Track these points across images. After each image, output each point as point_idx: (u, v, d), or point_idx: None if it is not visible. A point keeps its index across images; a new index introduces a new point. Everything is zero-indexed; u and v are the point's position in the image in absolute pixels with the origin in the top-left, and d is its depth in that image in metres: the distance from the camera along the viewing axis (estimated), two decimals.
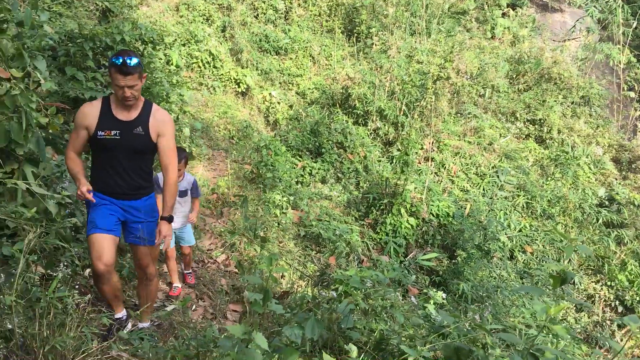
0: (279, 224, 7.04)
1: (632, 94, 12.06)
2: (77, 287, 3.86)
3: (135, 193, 3.50)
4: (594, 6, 13.15)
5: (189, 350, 2.62)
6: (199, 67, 10.49)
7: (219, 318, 4.53)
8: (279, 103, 10.83)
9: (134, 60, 3.19)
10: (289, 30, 12.37)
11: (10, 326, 2.37)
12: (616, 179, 10.30)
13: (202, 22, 11.31)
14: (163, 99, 6.18)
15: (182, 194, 4.72)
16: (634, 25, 12.55)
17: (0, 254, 3.19)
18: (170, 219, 3.49)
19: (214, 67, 10.66)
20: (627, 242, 9.07)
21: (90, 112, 3.32)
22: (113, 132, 3.31)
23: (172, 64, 8.93)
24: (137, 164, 3.46)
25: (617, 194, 9.71)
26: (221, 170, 8.18)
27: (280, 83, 11.56)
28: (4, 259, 3.40)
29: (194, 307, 4.66)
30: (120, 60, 3.16)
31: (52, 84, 3.82)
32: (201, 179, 7.40)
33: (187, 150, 6.52)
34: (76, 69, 5.12)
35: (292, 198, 7.53)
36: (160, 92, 6.09)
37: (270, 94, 10.90)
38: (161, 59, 7.99)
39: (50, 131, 3.82)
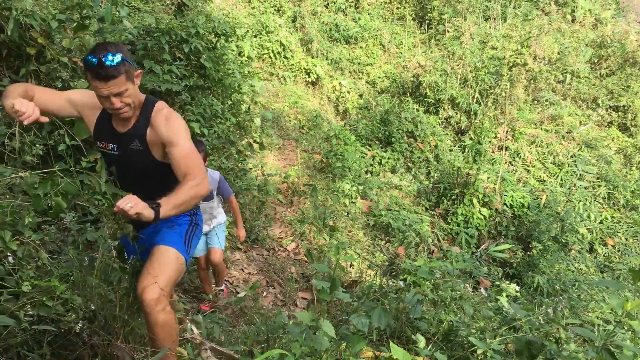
0: (348, 213, 7.05)
1: None
2: None
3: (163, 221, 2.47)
4: None
5: (259, 335, 2.68)
6: (270, 57, 10.62)
7: (288, 305, 4.61)
8: (348, 92, 10.81)
9: (116, 58, 2.30)
10: (359, 18, 12.30)
11: (93, 307, 2.50)
12: None
13: (273, 13, 11.44)
14: (235, 90, 6.30)
15: (206, 197, 3.90)
16: None
17: (85, 239, 3.36)
18: (157, 210, 2.28)
19: (285, 57, 10.76)
20: None
21: (92, 107, 2.55)
22: (110, 146, 2.57)
23: (243, 55, 9.09)
24: (158, 183, 2.61)
25: None
26: (291, 159, 8.28)
27: (350, 72, 11.54)
28: (88, 243, 3.60)
29: (264, 293, 4.76)
30: (96, 60, 2.28)
31: None
32: (272, 168, 7.52)
33: (258, 140, 6.64)
34: (153, 62, 5.30)
35: (361, 187, 7.52)
36: (233, 83, 6.21)
37: (340, 83, 10.89)
38: (233, 50, 8.15)
39: None
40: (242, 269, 5.07)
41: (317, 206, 6.27)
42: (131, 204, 2.17)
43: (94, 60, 2.26)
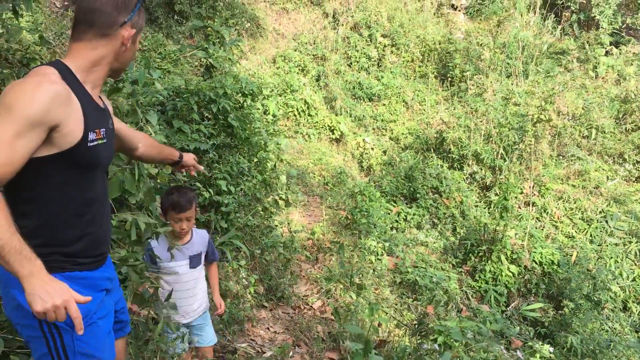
0: (374, 270, 6.98)
1: None
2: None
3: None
4: None
5: None
6: (295, 115, 10.81)
7: None
8: (372, 149, 10.90)
9: None
10: (382, 77, 12.53)
11: None
12: None
13: (297, 73, 11.71)
14: (261, 148, 6.40)
15: (195, 261, 3.44)
16: None
17: None
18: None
19: (309, 115, 10.94)
20: None
21: (65, 96, 1.81)
22: (102, 132, 1.98)
23: (269, 114, 9.28)
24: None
25: None
26: (316, 216, 8.29)
27: (373, 129, 11.66)
28: None
29: (291, 353, 4.68)
30: None
31: (162, 137, 4.08)
32: (297, 225, 7.52)
33: (284, 197, 6.68)
34: (182, 122, 5.44)
35: (387, 244, 7.46)
36: (259, 141, 6.32)
37: (363, 140, 11.00)
38: (259, 109, 8.33)
39: (158, 181, 4.05)
40: (268, 328, 5.01)
41: (344, 263, 6.22)
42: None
43: None
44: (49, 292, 1.59)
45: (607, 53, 12.74)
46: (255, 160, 6.40)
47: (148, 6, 10.61)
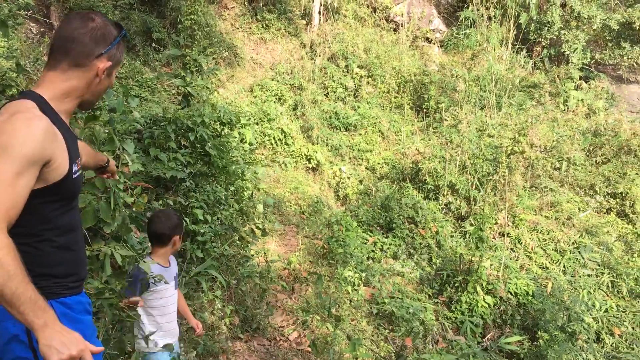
0: (351, 301, 6.93)
1: None
2: None
3: None
4: None
5: None
6: (272, 144, 10.80)
7: None
8: (348, 178, 10.92)
9: None
10: (358, 107, 12.64)
11: None
12: None
13: (274, 102, 11.75)
14: (239, 176, 6.37)
15: (176, 282, 3.60)
16: None
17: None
18: None
19: (286, 144, 10.95)
20: None
21: (53, 131, 1.80)
22: (79, 161, 2.00)
23: (246, 142, 9.26)
24: None
25: None
26: (293, 245, 8.23)
27: (350, 158, 11.71)
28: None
29: None
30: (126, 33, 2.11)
31: (138, 165, 4.03)
32: (273, 254, 7.46)
33: (261, 226, 6.63)
34: (159, 150, 5.39)
35: (363, 274, 7.43)
36: (236, 170, 6.29)
37: (340, 169, 11.03)
38: (236, 137, 8.31)
39: (134, 210, 3.98)
40: None
41: (321, 294, 6.17)
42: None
43: (126, 33, 2.13)
44: (65, 343, 1.56)
45: (577, 87, 13.10)
46: (232, 189, 6.36)
47: (125, 33, 10.59)
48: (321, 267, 7.53)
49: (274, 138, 10.84)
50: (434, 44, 14.79)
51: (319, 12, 13.69)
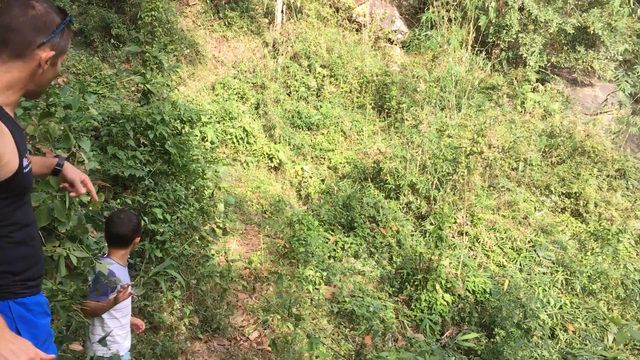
0: (312, 300, 6.94)
1: None
2: None
3: None
4: (626, 80, 13.18)
5: None
6: (233, 143, 10.73)
7: None
8: (310, 177, 10.94)
9: None
10: (321, 106, 12.66)
11: None
12: None
13: (236, 100, 11.68)
14: (199, 175, 6.31)
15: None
16: None
17: None
18: None
19: (248, 143, 10.90)
20: None
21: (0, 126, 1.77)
22: (28, 155, 1.95)
23: (207, 141, 9.17)
24: None
25: None
26: (254, 245, 8.20)
27: (312, 158, 11.72)
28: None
29: None
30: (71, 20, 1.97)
31: (95, 164, 3.95)
32: (234, 254, 7.41)
33: (221, 225, 6.58)
34: (117, 148, 5.30)
35: (324, 273, 7.45)
36: (197, 169, 6.23)
37: (302, 168, 11.03)
38: (197, 135, 8.22)
39: (90, 209, 3.90)
40: None
41: (282, 294, 6.16)
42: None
43: (71, 19, 1.96)
44: (14, 352, 1.54)
45: (534, 90, 13.41)
46: (193, 187, 6.29)
47: (83, 29, 10.36)
48: (282, 266, 7.52)
49: (235, 137, 10.77)
50: (396, 44, 14.93)
51: (282, 11, 13.66)
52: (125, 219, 3.41)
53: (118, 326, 3.37)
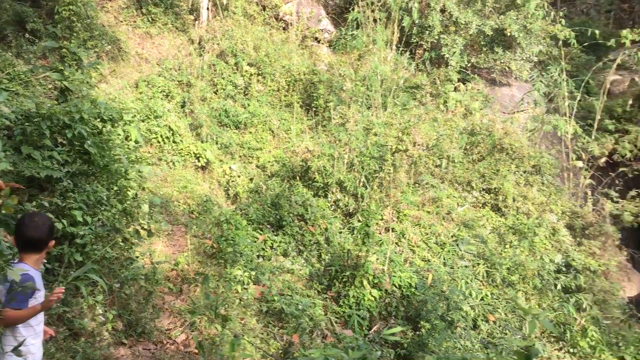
0: (240, 300, 6.90)
1: (580, 163, 12.56)
2: None
3: None
4: (540, 80, 13.87)
5: None
6: (159, 142, 10.49)
7: None
8: (239, 176, 10.86)
9: None
10: (248, 105, 12.59)
11: None
12: (571, 246, 10.54)
13: (161, 99, 11.41)
14: (122, 176, 6.12)
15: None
16: (578, 98, 13.25)
17: None
18: None
19: (174, 142, 10.68)
20: (586, 307, 9.18)
21: None
22: None
23: (131, 140, 8.91)
24: None
25: (573, 260, 9.92)
26: (181, 245, 8.05)
27: (240, 156, 11.63)
28: None
29: None
30: None
31: (7, 165, 3.75)
32: (160, 255, 7.25)
33: (146, 227, 6.42)
34: (32, 148, 5.06)
35: (253, 273, 7.42)
36: (119, 169, 6.04)
37: (230, 167, 10.93)
38: (119, 135, 7.97)
39: (3, 212, 3.71)
40: None
41: (208, 295, 6.08)
42: None
43: None
44: None
45: (455, 89, 13.87)
46: (115, 188, 6.10)
47: None
48: (210, 266, 7.43)
49: (161, 136, 10.53)
50: (323, 43, 15.05)
51: (207, 8, 13.47)
52: (40, 222, 3.26)
53: (32, 334, 3.22)
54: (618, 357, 8.67)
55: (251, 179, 11.03)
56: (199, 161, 10.77)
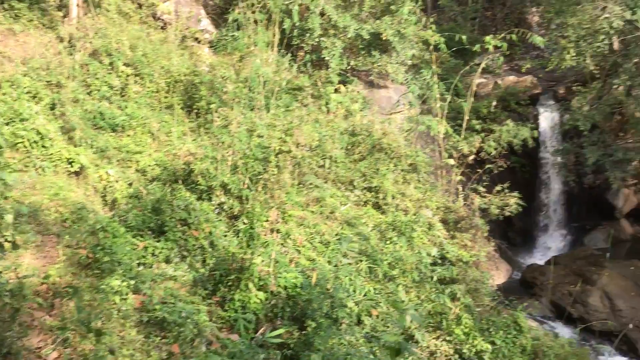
0: (119, 311, 6.59)
1: (451, 161, 13.37)
2: None
3: None
4: (414, 83, 14.58)
5: None
6: (25, 147, 9.75)
7: None
8: (117, 181, 10.37)
9: None
10: (126, 106, 12.06)
11: None
12: (445, 239, 11.18)
13: (27, 100, 10.63)
14: None
15: None
16: (449, 100, 14.09)
17: None
18: None
19: (43, 146, 9.98)
20: (459, 297, 9.78)
21: None
22: None
23: None
24: None
25: (448, 252, 10.53)
26: (52, 257, 7.55)
27: (118, 161, 11.10)
28: None
29: None
30: None
31: None
32: (29, 269, 6.75)
33: (10, 239, 5.95)
34: None
35: (132, 282, 7.12)
36: None
37: (107, 172, 10.41)
38: None
39: None
40: None
41: (80, 308, 5.76)
42: None
43: None
44: None
45: (336, 91, 14.20)
46: None
47: None
48: (85, 278, 7.03)
49: (28, 140, 9.79)
50: (204, 44, 14.79)
51: (77, 5, 12.75)
52: None
53: None
54: (489, 342, 9.32)
55: (130, 184, 10.57)
56: (72, 166, 10.13)
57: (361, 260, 9.84)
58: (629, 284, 15.80)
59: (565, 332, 13.63)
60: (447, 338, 9.18)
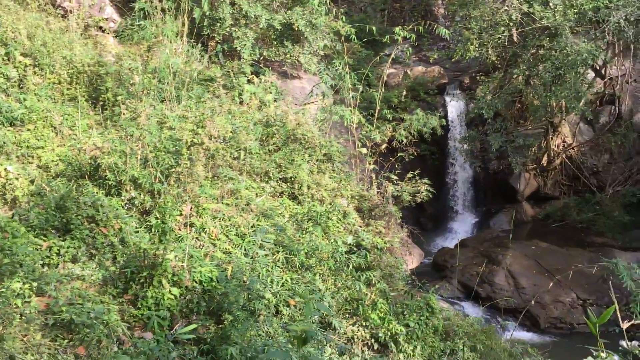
0: (21, 315, 6.24)
1: (364, 150, 13.62)
2: None
3: None
4: (327, 73, 14.70)
5: None
6: None
7: None
8: (17, 179, 9.76)
9: None
10: (25, 99, 11.37)
11: None
12: (360, 227, 11.39)
13: None
14: None
15: None
16: (360, 90, 14.31)
17: None
18: None
19: None
20: (375, 283, 10.01)
21: None
22: None
23: None
24: None
25: (363, 240, 10.74)
26: None
27: (17, 157, 10.46)
28: None
29: None
30: None
31: None
32: None
33: None
34: None
35: (35, 284, 6.75)
36: None
37: (5, 169, 9.78)
38: None
39: None
40: None
41: None
42: None
43: None
44: None
45: (249, 81, 14.08)
46: None
47: None
48: None
49: None
50: (109, 33, 14.20)
51: None
52: None
53: None
54: (404, 325, 9.62)
55: (32, 181, 9.99)
56: None
57: (278, 251, 9.83)
58: (531, 263, 16.84)
59: (474, 311, 14.31)
60: (364, 323, 9.37)
